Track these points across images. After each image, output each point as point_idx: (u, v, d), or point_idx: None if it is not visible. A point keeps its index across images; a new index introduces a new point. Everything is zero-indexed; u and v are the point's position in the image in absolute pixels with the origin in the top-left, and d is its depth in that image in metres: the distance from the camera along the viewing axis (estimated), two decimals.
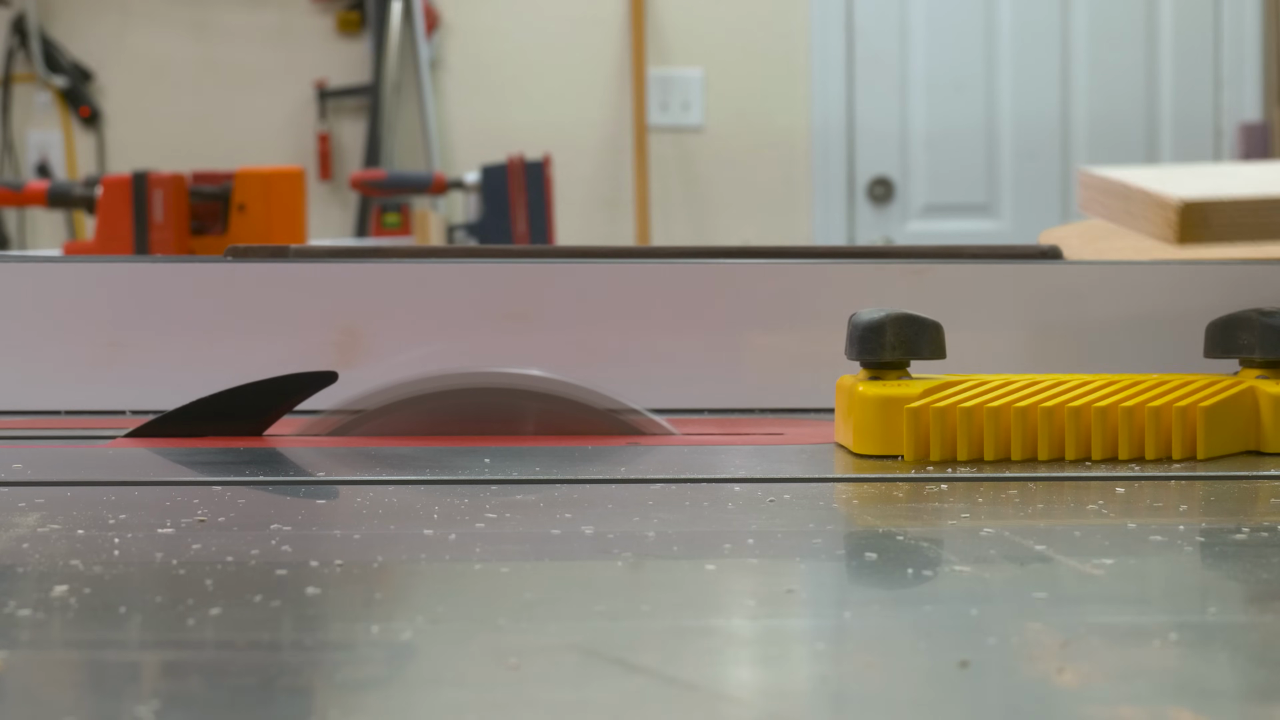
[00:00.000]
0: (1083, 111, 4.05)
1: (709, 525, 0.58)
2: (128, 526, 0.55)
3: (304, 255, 0.95)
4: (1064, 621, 0.42)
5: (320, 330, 0.92)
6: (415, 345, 0.93)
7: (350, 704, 0.36)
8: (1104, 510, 0.59)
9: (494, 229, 3.16)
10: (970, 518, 0.58)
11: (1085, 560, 0.50)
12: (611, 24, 4.06)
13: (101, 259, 0.98)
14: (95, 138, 4.15)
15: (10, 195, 2.68)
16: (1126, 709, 0.35)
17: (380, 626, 0.42)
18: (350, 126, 4.13)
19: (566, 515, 0.58)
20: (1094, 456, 0.70)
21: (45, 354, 0.92)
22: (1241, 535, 0.54)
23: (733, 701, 0.36)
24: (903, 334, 0.72)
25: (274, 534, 0.54)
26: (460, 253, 0.97)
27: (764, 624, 0.43)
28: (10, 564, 0.50)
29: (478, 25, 4.11)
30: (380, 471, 0.68)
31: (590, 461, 0.72)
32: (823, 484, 0.66)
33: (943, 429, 0.70)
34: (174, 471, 0.68)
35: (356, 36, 4.15)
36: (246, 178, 2.51)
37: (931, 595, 0.47)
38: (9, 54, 4.14)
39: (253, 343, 0.92)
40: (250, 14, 4.13)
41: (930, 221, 3.97)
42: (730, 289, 0.95)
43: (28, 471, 0.68)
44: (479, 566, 0.49)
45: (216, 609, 0.43)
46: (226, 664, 0.38)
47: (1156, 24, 4.00)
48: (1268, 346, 0.73)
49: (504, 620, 0.42)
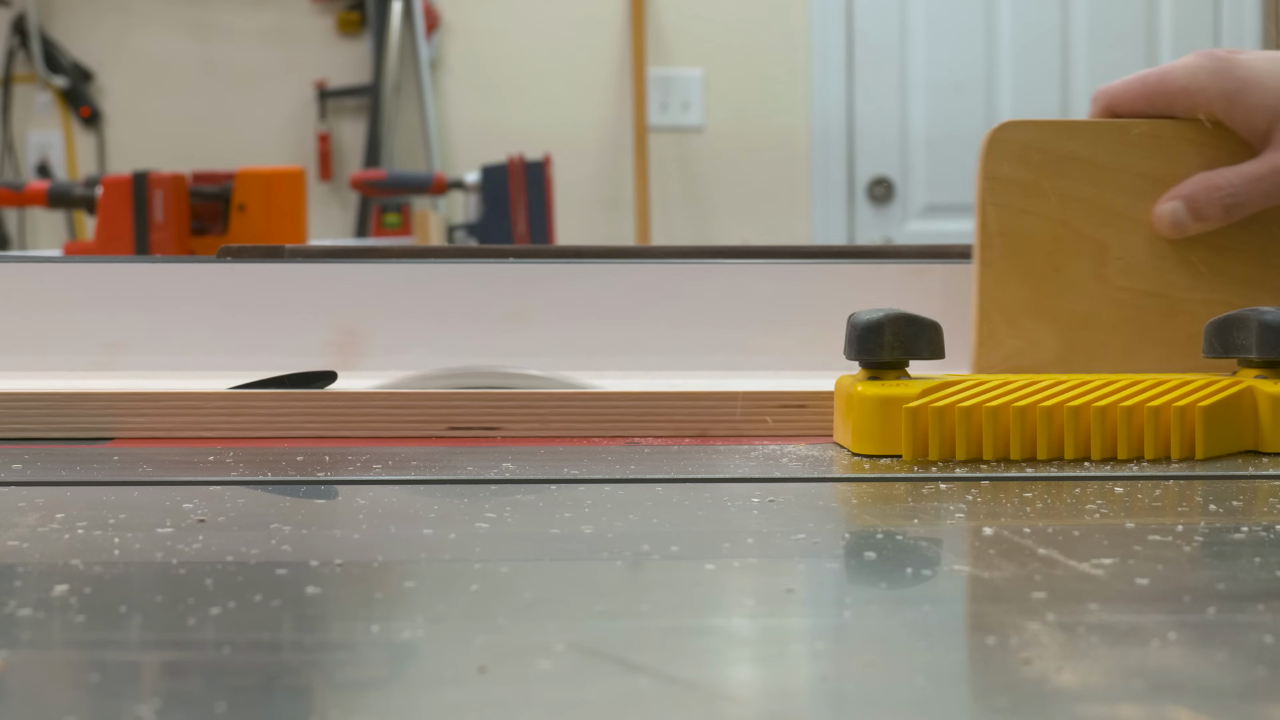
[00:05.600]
0: (1083, 112, 4.05)
1: (708, 525, 0.58)
2: (128, 526, 0.55)
3: (299, 255, 0.95)
4: (1063, 621, 0.43)
5: (319, 330, 0.92)
6: (415, 345, 0.93)
7: (350, 704, 0.36)
8: (1103, 510, 0.59)
9: (494, 229, 3.16)
10: (969, 517, 0.58)
11: (1084, 560, 0.50)
12: (611, 24, 4.06)
13: (101, 259, 0.98)
14: (95, 138, 4.16)
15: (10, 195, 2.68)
16: (1126, 708, 0.35)
17: (380, 626, 0.42)
18: (350, 126, 4.13)
19: (566, 515, 0.58)
20: (1093, 456, 0.70)
21: (45, 354, 0.92)
22: (1240, 535, 0.54)
23: (733, 701, 0.36)
24: (901, 334, 0.72)
25: (274, 534, 0.54)
26: (460, 253, 0.97)
27: (763, 623, 0.44)
28: (10, 564, 0.50)
29: (478, 25, 4.11)
30: (380, 471, 0.68)
31: (590, 461, 0.72)
32: (821, 484, 0.66)
33: (941, 429, 0.70)
34: (174, 471, 0.68)
35: (356, 36, 4.15)
36: (247, 178, 2.51)
37: (931, 595, 0.48)
38: (9, 54, 4.14)
39: (252, 343, 0.92)
40: (250, 14, 4.13)
41: (930, 221, 3.97)
42: (730, 289, 0.95)
43: (27, 471, 0.68)
44: (479, 566, 0.49)
45: (216, 609, 0.43)
46: (226, 664, 0.39)
47: (1156, 24, 4.00)
48: (1266, 346, 0.73)
49: (504, 620, 0.43)
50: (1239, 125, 0.87)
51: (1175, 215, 0.88)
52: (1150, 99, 0.89)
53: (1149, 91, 0.89)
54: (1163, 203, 0.88)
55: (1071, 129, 0.89)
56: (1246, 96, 0.86)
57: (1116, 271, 0.89)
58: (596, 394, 0.80)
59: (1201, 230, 0.88)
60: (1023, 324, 0.88)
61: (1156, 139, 0.89)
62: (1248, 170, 0.87)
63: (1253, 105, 0.86)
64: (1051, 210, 0.88)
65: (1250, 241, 0.89)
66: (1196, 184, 0.87)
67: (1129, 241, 0.88)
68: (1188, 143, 0.88)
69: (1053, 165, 0.88)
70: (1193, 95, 0.88)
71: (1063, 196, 0.88)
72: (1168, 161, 0.88)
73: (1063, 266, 0.88)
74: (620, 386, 0.83)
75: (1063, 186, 0.88)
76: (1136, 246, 0.88)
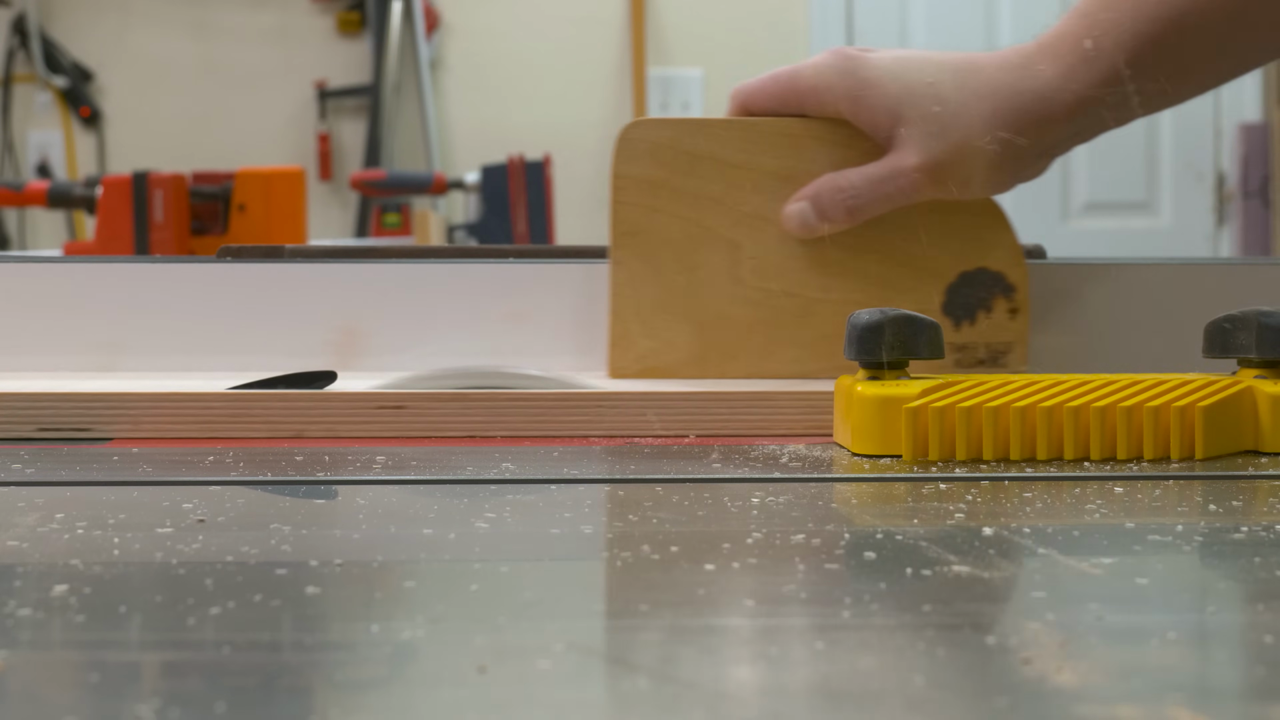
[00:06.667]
0: None
1: (708, 525, 0.58)
2: (127, 526, 0.55)
3: (299, 255, 0.95)
4: (1063, 620, 0.43)
5: (319, 330, 0.92)
6: (415, 345, 0.93)
7: (350, 704, 0.36)
8: (1103, 510, 0.59)
9: (494, 229, 3.16)
10: (969, 517, 0.58)
11: (1084, 559, 0.50)
12: (611, 24, 4.06)
13: (101, 259, 0.98)
14: (95, 138, 4.16)
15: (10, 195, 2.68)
16: (1125, 708, 0.35)
17: (380, 626, 0.42)
18: (350, 126, 4.13)
19: (566, 515, 0.58)
20: (1093, 456, 0.70)
21: (45, 354, 0.92)
22: (1240, 534, 0.54)
23: (733, 701, 0.36)
24: (901, 334, 0.72)
25: (274, 534, 0.54)
26: (460, 253, 0.97)
27: (763, 623, 0.44)
28: (10, 564, 0.50)
29: (478, 25, 4.11)
30: (380, 471, 0.68)
31: (590, 461, 0.72)
32: (821, 484, 0.66)
33: (941, 429, 0.70)
34: (174, 471, 0.68)
35: (356, 36, 4.15)
36: (247, 178, 2.51)
37: (931, 595, 0.48)
38: (9, 54, 4.14)
39: (252, 343, 0.92)
40: (250, 14, 4.13)
41: None
42: None
43: (27, 471, 0.68)
44: (479, 566, 0.49)
45: (216, 609, 0.43)
46: (226, 663, 0.39)
47: None
48: (1266, 346, 0.73)
49: (504, 620, 0.43)
50: (864, 125, 0.86)
51: (803, 216, 0.87)
52: (782, 97, 0.88)
53: (781, 90, 0.88)
54: (791, 203, 0.87)
55: (702, 127, 0.89)
56: (869, 97, 0.85)
57: (750, 271, 0.88)
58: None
59: (830, 231, 0.87)
60: (657, 324, 0.88)
61: (787, 137, 0.88)
62: (870, 172, 0.86)
63: (875, 106, 0.85)
64: (683, 210, 0.88)
65: (884, 241, 0.88)
66: (822, 185, 0.87)
67: (761, 241, 0.88)
68: (818, 141, 0.88)
69: (684, 164, 0.88)
70: (821, 94, 0.86)
71: (694, 196, 0.88)
72: (799, 160, 0.87)
73: (696, 266, 0.88)
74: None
75: (694, 185, 0.88)
76: (769, 246, 0.88)
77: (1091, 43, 0.82)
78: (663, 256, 0.88)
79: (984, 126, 0.84)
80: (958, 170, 0.85)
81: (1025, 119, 0.84)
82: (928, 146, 0.84)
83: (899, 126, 0.85)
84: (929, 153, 0.84)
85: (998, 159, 0.84)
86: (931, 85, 0.84)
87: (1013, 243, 0.90)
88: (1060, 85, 0.83)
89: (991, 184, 0.86)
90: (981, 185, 0.86)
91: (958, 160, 0.84)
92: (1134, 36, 0.82)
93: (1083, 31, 0.83)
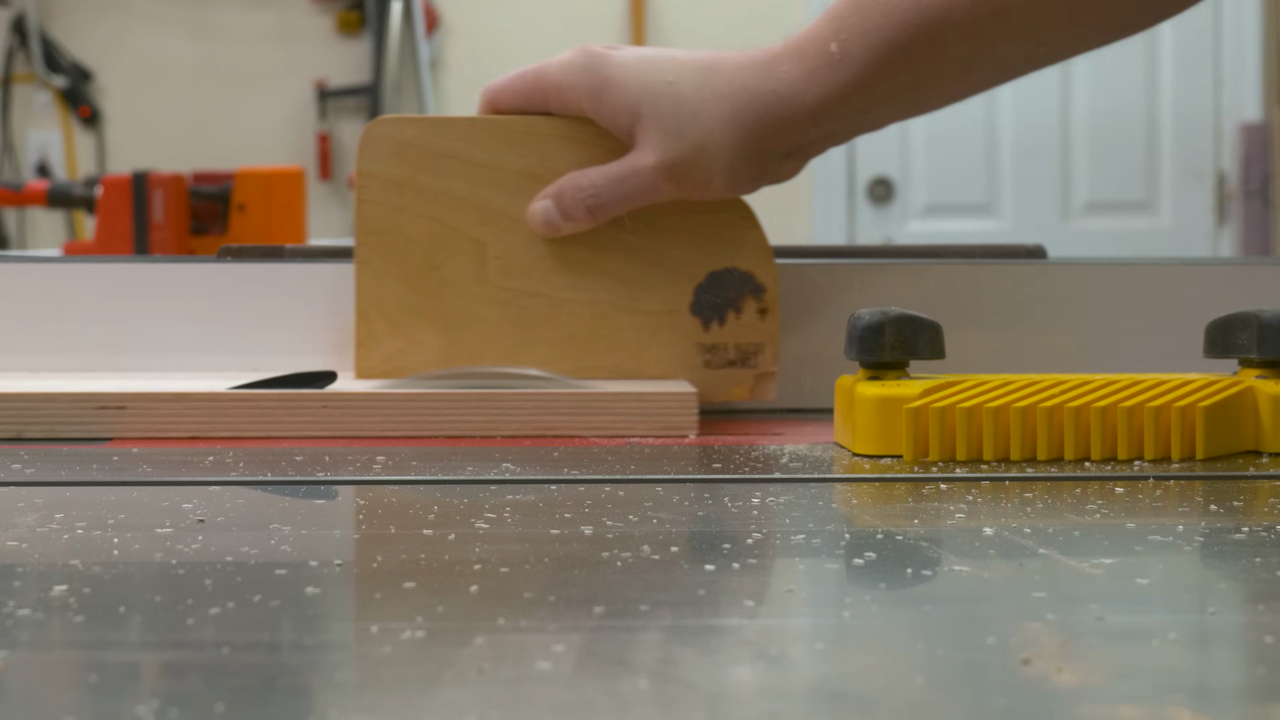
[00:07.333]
0: (1083, 111, 4.05)
1: (708, 525, 0.58)
2: (127, 526, 0.55)
3: (299, 255, 0.95)
4: (1063, 621, 0.43)
5: (319, 330, 0.92)
6: None
7: (350, 704, 0.36)
8: (1103, 510, 0.59)
9: None
10: (969, 517, 0.58)
11: (1084, 559, 0.50)
12: (611, 24, 4.06)
13: (101, 259, 0.98)
14: (95, 138, 4.16)
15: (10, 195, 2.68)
16: (1126, 709, 0.35)
17: (380, 626, 0.42)
18: (350, 126, 4.13)
19: (566, 515, 0.58)
20: (1093, 456, 0.70)
21: (45, 354, 0.92)
22: (1241, 535, 0.54)
23: (733, 701, 0.36)
24: (902, 334, 0.72)
25: (274, 534, 0.54)
26: None
27: (763, 624, 0.44)
28: (9, 564, 0.50)
29: (478, 25, 4.11)
30: (380, 471, 0.68)
31: (590, 461, 0.72)
32: (822, 484, 0.66)
33: (942, 429, 0.70)
34: (174, 471, 0.68)
35: (356, 36, 4.15)
36: (246, 178, 2.51)
37: (931, 595, 0.48)
38: (9, 54, 4.14)
39: (252, 343, 0.92)
40: (250, 14, 4.13)
41: (930, 221, 3.97)
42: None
43: (27, 471, 0.68)
44: (479, 566, 0.49)
45: (216, 609, 0.43)
46: (226, 664, 0.38)
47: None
48: (1266, 346, 0.73)
49: (504, 620, 0.43)
50: (606, 123, 0.85)
51: (546, 214, 0.86)
52: (529, 95, 0.87)
53: (526, 88, 0.87)
54: (535, 202, 0.87)
55: (447, 126, 0.88)
56: (610, 95, 0.84)
57: (496, 271, 0.88)
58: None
59: (575, 230, 0.87)
60: (403, 324, 0.87)
61: (533, 136, 0.87)
62: (610, 171, 0.85)
63: (616, 104, 0.84)
64: (428, 208, 0.87)
65: (631, 240, 0.88)
66: (565, 184, 0.86)
67: (508, 240, 0.87)
68: (563, 140, 0.87)
69: (429, 163, 0.87)
70: (564, 92, 0.86)
71: (439, 194, 0.87)
72: (544, 159, 0.87)
73: (441, 265, 0.87)
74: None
75: (439, 184, 0.87)
76: (515, 245, 0.87)
77: (837, 46, 0.82)
78: (408, 256, 0.87)
79: (723, 126, 0.83)
80: (696, 170, 0.84)
81: (766, 120, 0.83)
82: (665, 146, 0.83)
83: (638, 125, 0.84)
84: (665, 152, 0.83)
85: (738, 159, 0.84)
86: (671, 84, 0.83)
87: (761, 242, 0.88)
88: (803, 88, 0.83)
89: (734, 184, 0.85)
90: (723, 185, 0.85)
91: (696, 160, 0.83)
92: (882, 43, 0.81)
93: (830, 35, 0.82)
